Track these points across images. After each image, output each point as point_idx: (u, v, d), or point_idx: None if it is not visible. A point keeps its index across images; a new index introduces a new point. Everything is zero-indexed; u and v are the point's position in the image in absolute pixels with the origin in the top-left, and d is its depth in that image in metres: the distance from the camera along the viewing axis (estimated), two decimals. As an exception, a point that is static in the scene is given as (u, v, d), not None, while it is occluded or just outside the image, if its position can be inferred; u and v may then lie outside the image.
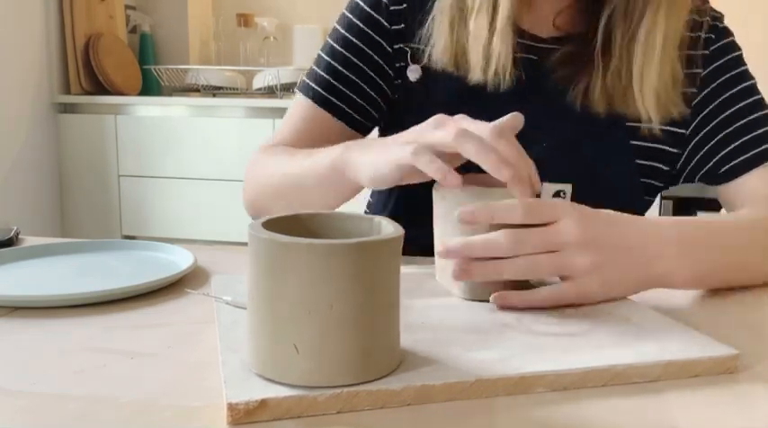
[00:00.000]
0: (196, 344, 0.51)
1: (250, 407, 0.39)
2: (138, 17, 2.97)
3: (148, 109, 2.62)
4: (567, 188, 0.79)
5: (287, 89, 2.69)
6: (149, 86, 2.91)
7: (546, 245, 0.55)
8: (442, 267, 0.61)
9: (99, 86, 2.72)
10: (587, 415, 0.41)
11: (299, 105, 0.92)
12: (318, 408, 0.40)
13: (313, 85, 0.90)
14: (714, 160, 0.85)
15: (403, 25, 0.87)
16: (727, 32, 0.87)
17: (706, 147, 0.85)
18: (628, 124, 0.83)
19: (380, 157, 0.64)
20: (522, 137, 0.80)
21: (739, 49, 0.88)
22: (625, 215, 0.61)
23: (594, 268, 0.56)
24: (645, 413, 0.41)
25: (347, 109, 0.89)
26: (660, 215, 2.26)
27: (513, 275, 0.55)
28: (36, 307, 0.58)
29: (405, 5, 0.87)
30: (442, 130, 0.59)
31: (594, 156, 0.84)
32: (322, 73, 0.90)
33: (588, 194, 0.66)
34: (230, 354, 0.45)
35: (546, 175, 0.77)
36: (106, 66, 2.71)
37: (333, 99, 0.89)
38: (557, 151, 0.82)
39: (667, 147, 0.86)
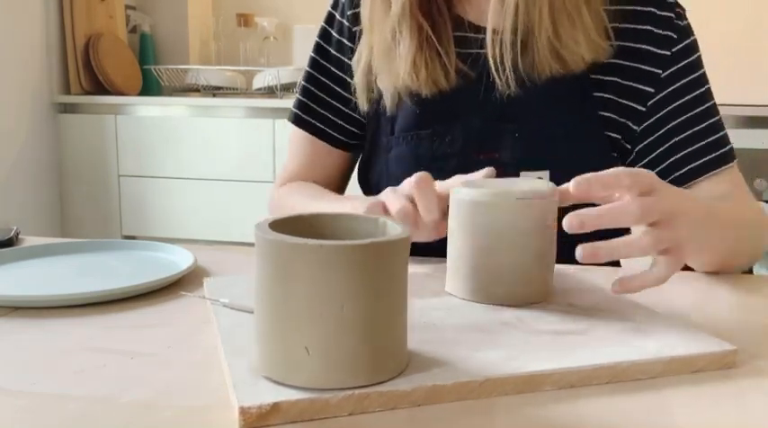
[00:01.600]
0: (196, 344, 0.50)
1: (262, 411, 0.38)
2: (138, 17, 2.96)
3: (148, 109, 2.62)
4: (545, 175, 0.80)
5: (287, 89, 2.68)
6: (149, 86, 2.90)
7: (662, 213, 0.55)
8: (453, 272, 0.61)
9: (99, 86, 2.72)
10: (587, 413, 0.41)
11: (291, 134, 0.99)
12: (330, 410, 0.40)
13: (294, 110, 0.97)
14: (659, 169, 0.83)
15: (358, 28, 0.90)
16: (689, 31, 0.85)
17: (653, 154, 0.84)
18: (592, 76, 0.83)
19: None
20: (495, 129, 0.83)
21: (698, 49, 0.86)
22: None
23: (690, 238, 0.57)
24: (645, 409, 0.41)
25: (325, 128, 0.95)
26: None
27: (640, 253, 0.55)
28: (36, 307, 0.58)
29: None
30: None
31: (567, 142, 0.84)
32: (300, 97, 0.97)
33: (564, 178, 0.67)
34: (236, 358, 0.45)
35: (521, 164, 0.78)
36: (106, 66, 2.71)
37: (309, 119, 0.95)
38: (529, 139, 0.83)
39: (618, 135, 0.85)
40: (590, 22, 0.80)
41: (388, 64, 0.85)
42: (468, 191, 0.58)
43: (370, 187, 0.95)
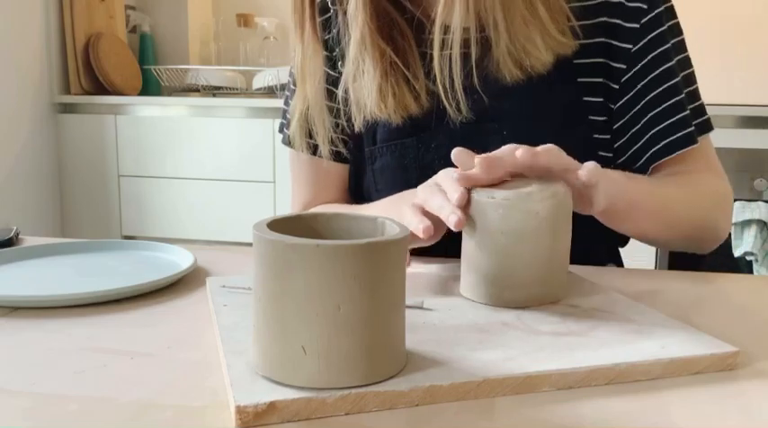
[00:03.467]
0: (196, 344, 0.51)
1: (259, 410, 0.38)
2: (138, 17, 2.96)
3: (148, 109, 2.62)
4: None
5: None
6: (149, 86, 2.90)
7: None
8: (468, 275, 0.60)
9: (99, 86, 2.72)
10: (587, 414, 0.41)
11: (291, 160, 0.96)
12: (327, 410, 0.40)
13: (286, 131, 0.93)
14: (634, 148, 0.82)
15: (336, 51, 0.87)
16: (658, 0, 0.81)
17: (627, 135, 0.82)
18: (575, 61, 0.79)
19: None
20: (481, 130, 0.80)
21: (673, 16, 0.82)
22: None
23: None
24: (645, 411, 0.41)
25: (324, 145, 0.89)
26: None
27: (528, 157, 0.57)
28: (36, 307, 0.58)
29: (334, 31, 0.87)
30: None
31: (554, 136, 0.76)
32: (289, 115, 0.91)
33: None
34: (234, 357, 0.45)
35: None
36: (106, 66, 2.71)
37: (308, 140, 0.89)
38: (516, 137, 0.78)
39: (601, 117, 0.82)
40: (547, 18, 0.76)
41: (321, 115, 0.84)
42: (481, 192, 0.58)
43: (362, 199, 0.91)
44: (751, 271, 1.97)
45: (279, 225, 0.46)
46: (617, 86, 0.81)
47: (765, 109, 2.15)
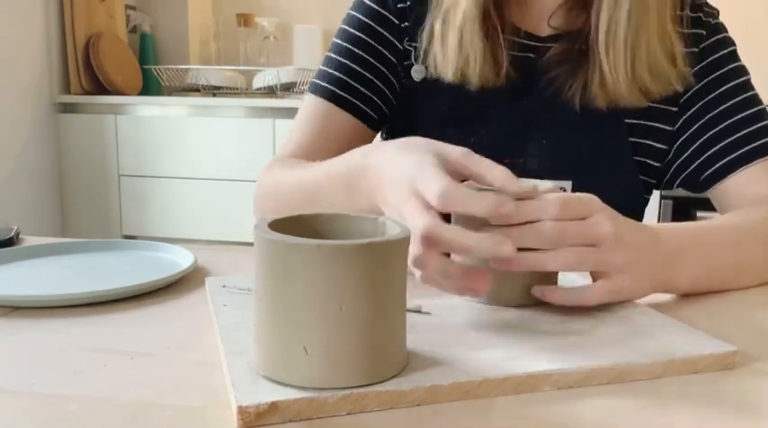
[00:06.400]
0: (196, 344, 0.51)
1: (260, 410, 0.38)
2: (138, 17, 2.97)
3: (148, 109, 2.62)
4: (567, 185, 0.80)
5: (287, 89, 2.68)
6: (149, 86, 2.90)
7: (586, 238, 0.53)
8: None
9: (99, 86, 2.72)
10: (587, 414, 0.41)
11: (311, 106, 0.91)
12: (328, 410, 0.40)
13: (325, 84, 0.90)
14: (698, 161, 0.84)
15: (407, 23, 0.88)
16: (719, 29, 0.87)
17: (692, 148, 0.85)
18: (627, 121, 0.84)
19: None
20: (523, 135, 0.83)
21: (732, 44, 0.87)
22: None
23: (626, 265, 0.55)
24: (644, 410, 0.41)
25: (361, 105, 0.89)
26: (660, 215, 2.26)
27: (556, 267, 0.53)
28: (36, 307, 0.58)
29: (409, 3, 0.88)
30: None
31: (594, 153, 0.84)
32: (334, 71, 0.89)
33: (588, 190, 0.65)
34: (235, 357, 0.45)
35: (546, 172, 0.78)
36: (106, 66, 2.71)
37: (347, 96, 0.88)
38: (556, 148, 0.83)
39: (657, 143, 0.87)
40: (681, 50, 0.81)
41: (475, 44, 0.83)
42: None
43: None
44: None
45: (280, 225, 0.46)
46: (675, 109, 0.85)
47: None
